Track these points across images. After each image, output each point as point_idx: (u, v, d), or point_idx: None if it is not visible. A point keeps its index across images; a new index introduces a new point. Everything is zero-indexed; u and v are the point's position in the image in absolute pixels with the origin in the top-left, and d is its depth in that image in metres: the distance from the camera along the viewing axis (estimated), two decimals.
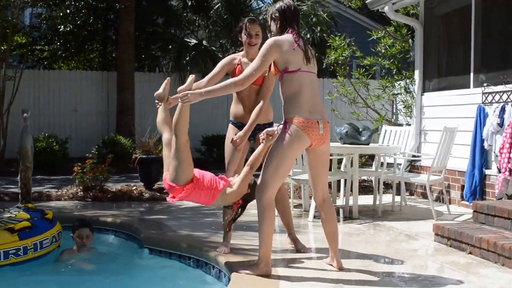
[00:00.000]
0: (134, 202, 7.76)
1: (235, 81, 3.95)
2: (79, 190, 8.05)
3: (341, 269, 4.13)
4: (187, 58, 14.63)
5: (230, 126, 4.82)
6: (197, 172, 4.04)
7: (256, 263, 3.97)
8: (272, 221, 3.95)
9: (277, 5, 4.18)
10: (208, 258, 4.56)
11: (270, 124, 4.73)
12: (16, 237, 4.73)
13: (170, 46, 15.44)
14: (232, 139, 4.49)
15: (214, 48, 15.69)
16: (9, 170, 11.17)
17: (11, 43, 13.40)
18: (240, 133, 4.45)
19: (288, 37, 4.03)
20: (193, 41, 15.25)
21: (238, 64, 4.70)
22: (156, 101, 4.36)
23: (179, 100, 3.83)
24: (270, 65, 4.06)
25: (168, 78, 4.55)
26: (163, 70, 16.58)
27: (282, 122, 4.00)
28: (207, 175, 4.06)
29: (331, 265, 4.21)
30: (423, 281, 3.97)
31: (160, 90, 4.36)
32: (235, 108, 4.78)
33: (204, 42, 15.29)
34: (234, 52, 4.84)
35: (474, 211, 5.40)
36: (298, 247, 4.78)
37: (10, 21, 12.72)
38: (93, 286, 4.50)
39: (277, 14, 4.13)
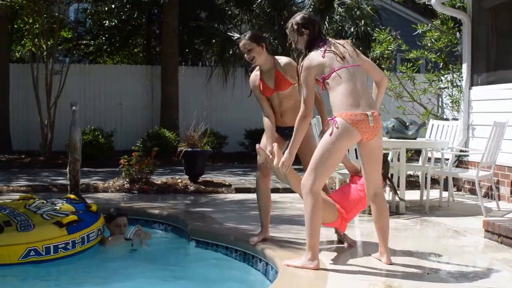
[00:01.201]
0: (179, 195, 7.84)
1: (302, 117, 4.08)
2: (125, 182, 8.17)
3: (390, 264, 4.09)
4: (230, 52, 14.70)
5: None
6: (340, 200, 4.39)
7: (304, 255, 3.96)
8: (319, 212, 3.93)
9: (299, 18, 4.21)
10: (255, 251, 4.57)
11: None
12: (64, 231, 4.76)
13: (214, 40, 15.53)
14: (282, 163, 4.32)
15: None
16: (56, 162, 11.43)
17: (58, 38, 13.69)
18: (286, 155, 4.25)
19: (313, 52, 4.07)
20: (236, 35, 15.29)
21: (260, 80, 4.73)
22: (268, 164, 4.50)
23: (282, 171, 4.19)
24: (299, 79, 4.13)
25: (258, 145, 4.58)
26: (206, 64, 16.70)
27: (331, 118, 3.99)
28: (349, 198, 4.40)
29: (380, 260, 4.18)
30: (473, 277, 3.90)
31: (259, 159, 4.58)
32: None
33: None
34: (252, 71, 4.89)
35: None
36: (345, 241, 4.75)
37: (57, 16, 13.00)
38: (140, 277, 4.53)
39: (304, 29, 4.14)
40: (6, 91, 13.18)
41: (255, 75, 4.79)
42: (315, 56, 4.05)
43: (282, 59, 4.66)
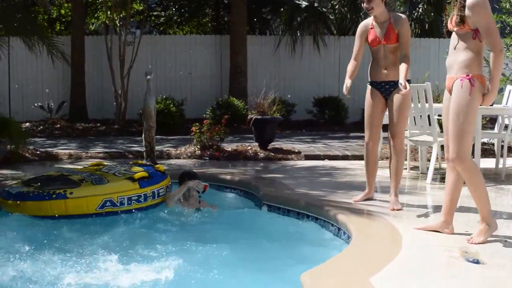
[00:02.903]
0: (249, 161, 7.96)
1: (498, 51, 3.74)
2: (196, 149, 8.36)
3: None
4: (298, 20, 14.60)
5: (368, 87, 5.01)
6: None
7: (483, 228, 3.91)
8: (481, 175, 3.92)
9: None
10: (328, 216, 4.61)
11: (407, 81, 4.72)
12: (137, 185, 5.12)
13: (281, 9, 15.44)
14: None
15: (325, 9, 15.53)
16: (130, 130, 11.79)
17: (130, 10, 13.98)
18: (489, 94, 3.89)
19: None
20: (304, 3, 15.15)
21: (371, 28, 4.92)
22: None
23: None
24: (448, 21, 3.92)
25: None
26: (273, 33, 16.66)
27: (466, 76, 3.83)
28: None
29: (442, 231, 4.06)
30: None
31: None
32: (373, 69, 4.98)
33: (315, 4, 15.16)
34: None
35: None
36: None
37: None
38: (213, 239, 4.55)
39: None
40: (82, 63, 13.63)
41: (366, 23, 5.00)
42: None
43: (397, 15, 4.90)
